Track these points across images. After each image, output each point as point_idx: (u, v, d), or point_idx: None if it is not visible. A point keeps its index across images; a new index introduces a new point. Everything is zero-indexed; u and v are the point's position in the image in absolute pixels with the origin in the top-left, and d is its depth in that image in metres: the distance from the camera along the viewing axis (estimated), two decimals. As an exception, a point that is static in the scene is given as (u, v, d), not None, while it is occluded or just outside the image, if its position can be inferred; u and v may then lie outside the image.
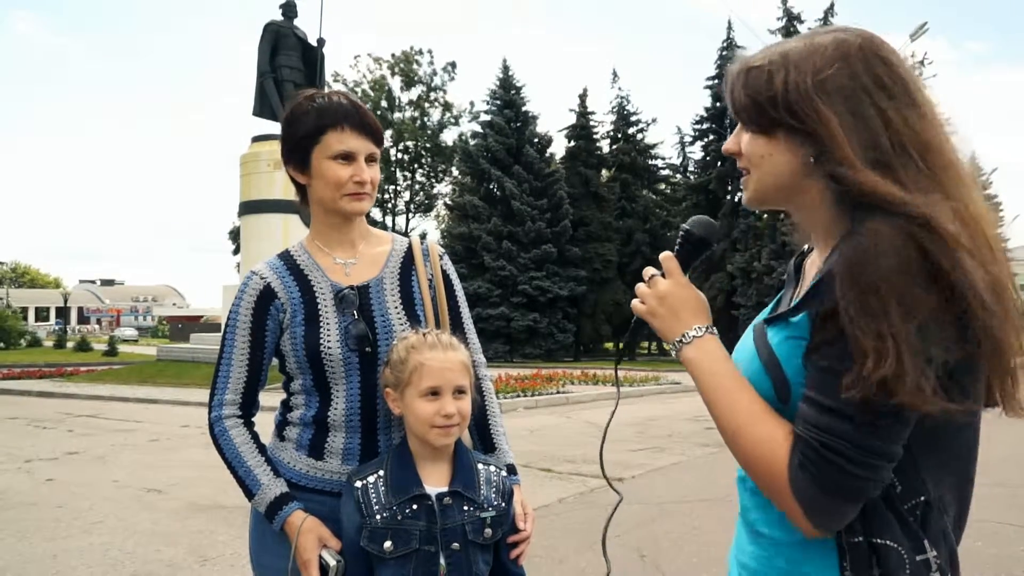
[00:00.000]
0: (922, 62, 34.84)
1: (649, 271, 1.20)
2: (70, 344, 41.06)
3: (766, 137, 1.09)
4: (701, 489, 6.48)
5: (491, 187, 34.01)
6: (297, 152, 1.69)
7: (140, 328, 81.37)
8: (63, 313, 64.51)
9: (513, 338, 32.51)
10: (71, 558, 4.72)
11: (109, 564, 4.60)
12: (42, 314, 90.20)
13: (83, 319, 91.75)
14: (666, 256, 1.19)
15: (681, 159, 37.86)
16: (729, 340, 1.08)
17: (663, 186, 39.31)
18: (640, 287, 1.19)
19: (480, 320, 30.81)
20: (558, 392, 15.61)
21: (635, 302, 1.19)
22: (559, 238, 33.23)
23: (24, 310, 75.38)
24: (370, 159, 1.69)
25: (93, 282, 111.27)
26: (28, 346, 41.74)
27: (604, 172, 37.90)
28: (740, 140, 1.13)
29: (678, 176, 38.26)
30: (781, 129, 1.06)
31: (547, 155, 35.60)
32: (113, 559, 4.70)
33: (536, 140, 34.68)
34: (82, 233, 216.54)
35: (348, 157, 1.66)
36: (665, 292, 1.16)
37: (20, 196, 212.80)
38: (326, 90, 1.75)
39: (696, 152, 36.96)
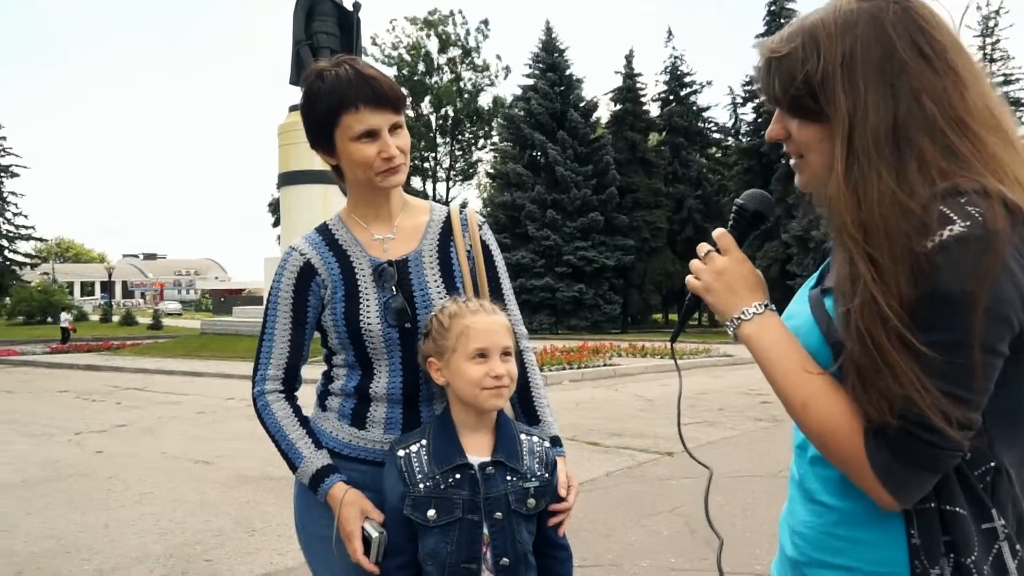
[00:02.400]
0: (997, 12, 33.40)
1: (704, 247, 1.20)
2: (115, 318, 42.36)
3: (815, 123, 1.07)
4: (754, 465, 6.46)
5: (534, 154, 33.84)
6: (319, 137, 1.69)
7: (183, 302, 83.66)
8: (108, 287, 66.43)
9: (558, 310, 32.53)
10: (123, 527, 4.95)
11: (159, 533, 4.81)
12: (87, 288, 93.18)
13: (127, 293, 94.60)
14: (720, 233, 1.19)
15: (733, 121, 37.14)
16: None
17: (715, 150, 38.63)
18: (695, 263, 1.20)
19: (524, 291, 30.90)
20: (605, 364, 15.66)
21: (690, 278, 1.20)
22: (605, 206, 32.99)
23: (70, 285, 77.97)
24: (394, 128, 1.66)
25: (136, 256, 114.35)
26: (75, 320, 43.22)
27: (652, 136, 37.37)
28: (787, 126, 1.12)
29: (730, 139, 37.54)
30: (825, 116, 1.05)
31: (592, 120, 35.24)
32: (163, 529, 4.91)
33: (581, 104, 34.35)
34: (124, 207, 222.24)
35: (371, 135, 1.64)
36: (722, 268, 1.16)
37: (63, 172, 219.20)
38: (335, 60, 1.70)
39: (748, 114, 36.20)
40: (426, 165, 46.42)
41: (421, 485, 1.54)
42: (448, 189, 47.70)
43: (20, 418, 9.76)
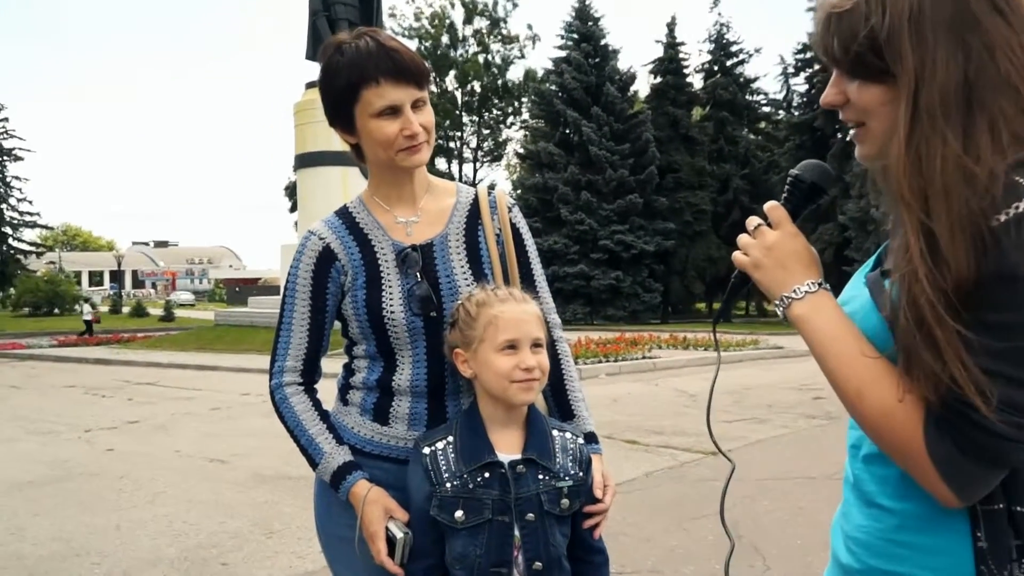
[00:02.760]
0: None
1: (754, 220, 1.19)
2: (126, 309, 43.17)
3: (878, 84, 1.05)
4: (807, 466, 6.41)
5: (567, 132, 33.73)
6: (339, 115, 1.70)
7: (196, 292, 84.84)
8: (117, 277, 67.71)
9: (593, 299, 32.49)
10: (135, 528, 5.06)
11: (173, 535, 4.91)
12: (95, 278, 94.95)
13: (138, 283, 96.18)
14: (772, 205, 1.18)
15: (784, 93, 36.67)
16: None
17: (764, 125, 38.18)
18: (743, 238, 1.19)
19: (557, 279, 30.90)
20: (644, 357, 15.63)
21: (737, 254, 1.19)
22: (644, 187, 32.81)
23: (77, 274, 79.57)
24: (417, 104, 1.67)
25: (147, 244, 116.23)
26: (93, 309, 44.09)
27: (696, 111, 37.05)
28: (845, 89, 1.10)
29: (780, 113, 37.07)
30: (890, 75, 1.03)
31: (630, 94, 35.02)
32: (177, 530, 5.01)
33: (617, 77, 34.14)
34: (133, 192, 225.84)
35: (393, 111, 1.65)
36: (772, 243, 1.15)
37: (68, 157, 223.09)
38: (355, 32, 1.70)
39: (800, 85, 35.69)
40: (451, 145, 46.49)
41: (448, 484, 1.56)
42: (475, 170, 47.77)
43: (27, 415, 10.00)
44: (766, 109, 37.79)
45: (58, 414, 10.03)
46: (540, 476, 1.59)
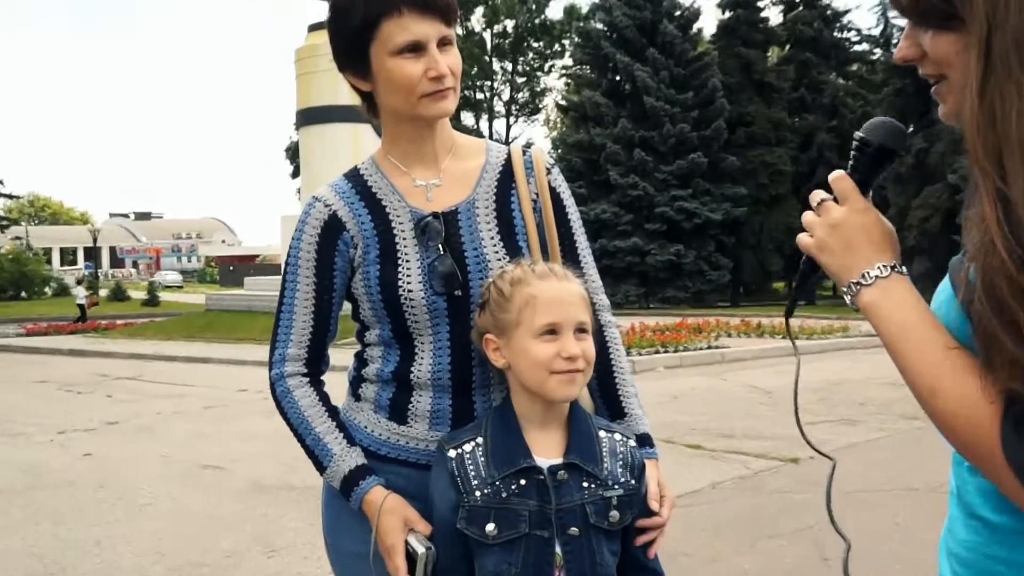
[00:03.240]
0: None
1: (818, 195, 1.21)
2: (103, 292, 43.95)
3: (951, 32, 1.06)
4: (906, 475, 6.37)
5: (617, 79, 33.54)
6: (352, 55, 1.71)
7: (184, 271, 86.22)
8: (93, 255, 68.92)
9: (649, 278, 32.40)
10: (117, 545, 5.18)
11: (160, 553, 5.01)
12: (68, 256, 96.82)
13: (116, 261, 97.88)
14: (837, 176, 1.20)
15: (881, 27, 35.97)
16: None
17: (856, 67, 37.59)
18: (807, 216, 1.21)
19: (604, 254, 30.84)
20: (709, 347, 15.58)
21: (802, 236, 1.21)
22: (710, 144, 32.55)
23: (47, 252, 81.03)
24: (443, 43, 1.67)
25: (126, 216, 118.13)
26: (54, 295, 44.97)
27: (773, 51, 36.60)
28: (920, 41, 1.11)
29: (877, 52, 36.41)
30: (961, 21, 1.04)
31: (692, 32, 34.68)
32: (165, 548, 5.12)
33: (678, 13, 33.85)
34: (109, 157, 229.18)
35: (416, 48, 1.64)
36: (839, 219, 1.17)
37: (34, 116, 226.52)
38: None
39: (900, 17, 35.03)
40: (479, 97, 46.46)
41: (477, 493, 1.57)
42: (508, 127, 47.76)
43: (-6, 414, 10.25)
44: (859, 48, 37.22)
45: (27, 413, 10.27)
46: (585, 484, 1.60)
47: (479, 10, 45.33)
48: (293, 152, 42.45)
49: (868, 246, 1.15)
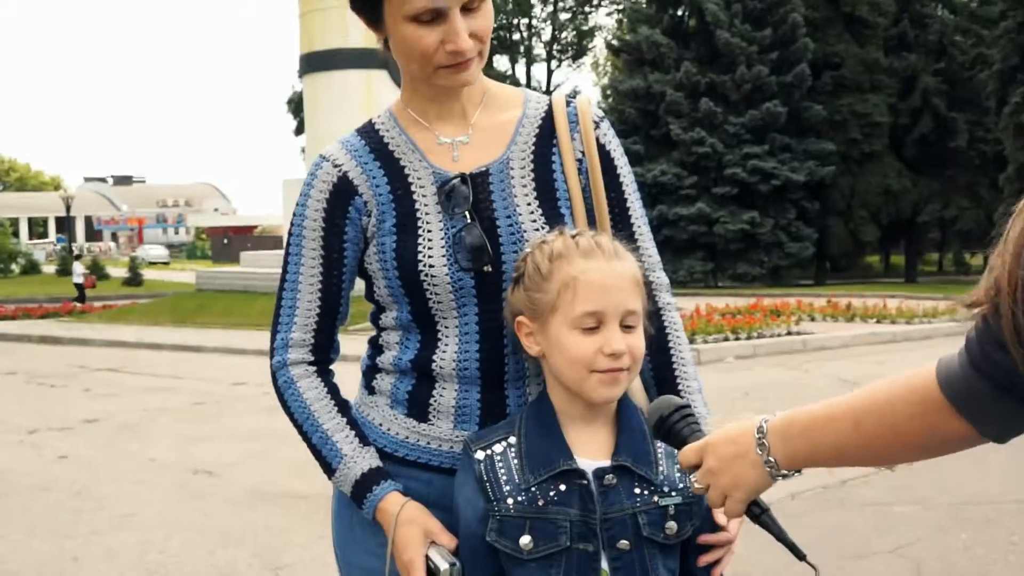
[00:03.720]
0: None
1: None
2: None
3: None
4: (1021, 485, 6.32)
5: (680, 13, 33.28)
6: (364, 4, 1.70)
7: (171, 245, 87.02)
8: (66, 226, 69.61)
9: (718, 251, 32.25)
10: (97, 561, 5.27)
11: (147, 570, 5.11)
12: (37, 228, 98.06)
13: (93, 234, 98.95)
14: (682, 456, 1.49)
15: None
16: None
17: (966, -1, 37.02)
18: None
19: (663, 223, 30.72)
20: (789, 333, 15.54)
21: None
22: (792, 91, 32.23)
23: (13, 222, 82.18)
24: (468, 8, 1.63)
25: (103, 180, 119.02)
26: (22, 273, 45.57)
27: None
28: None
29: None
30: None
31: (771, -43, 34.25)
32: (152, 562, 5.21)
33: (752, -67, 33.40)
34: (83, 114, 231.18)
35: (435, 16, 1.61)
36: (709, 468, 1.46)
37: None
38: None
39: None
40: (515, 38, 46.23)
41: (510, 500, 1.58)
42: (549, 73, 47.49)
43: (-45, 410, 10.43)
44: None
45: (-6, 409, 10.44)
46: (637, 490, 1.60)
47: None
48: (296, 105, 42.55)
49: (734, 458, 1.47)
